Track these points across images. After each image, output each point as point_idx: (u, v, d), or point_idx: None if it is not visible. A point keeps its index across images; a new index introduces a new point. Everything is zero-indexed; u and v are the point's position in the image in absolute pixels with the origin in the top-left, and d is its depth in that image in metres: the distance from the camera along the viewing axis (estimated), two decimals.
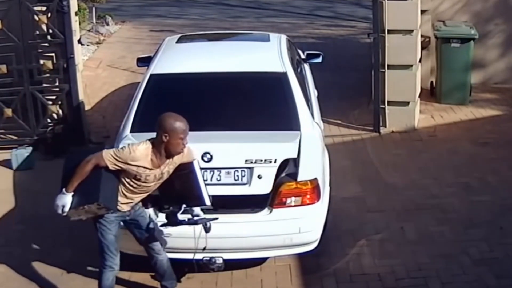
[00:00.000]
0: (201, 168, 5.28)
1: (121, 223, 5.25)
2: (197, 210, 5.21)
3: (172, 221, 5.23)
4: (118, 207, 5.09)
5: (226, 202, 5.50)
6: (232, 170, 5.63)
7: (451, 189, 7.44)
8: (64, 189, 4.97)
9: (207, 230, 5.17)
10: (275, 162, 5.61)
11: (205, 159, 5.56)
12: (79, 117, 8.82)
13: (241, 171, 5.62)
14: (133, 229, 5.35)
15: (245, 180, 5.62)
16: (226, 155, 5.65)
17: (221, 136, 5.89)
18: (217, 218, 5.24)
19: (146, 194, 5.20)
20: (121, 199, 5.09)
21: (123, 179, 5.03)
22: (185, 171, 5.16)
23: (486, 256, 6.10)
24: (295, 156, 5.66)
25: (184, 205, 5.16)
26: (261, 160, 5.59)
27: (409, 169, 7.95)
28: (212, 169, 5.60)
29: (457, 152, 8.41)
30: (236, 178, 5.63)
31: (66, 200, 4.95)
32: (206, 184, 5.23)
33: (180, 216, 5.17)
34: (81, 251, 6.28)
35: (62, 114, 8.77)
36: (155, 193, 5.26)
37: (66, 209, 4.96)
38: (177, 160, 5.07)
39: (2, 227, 6.84)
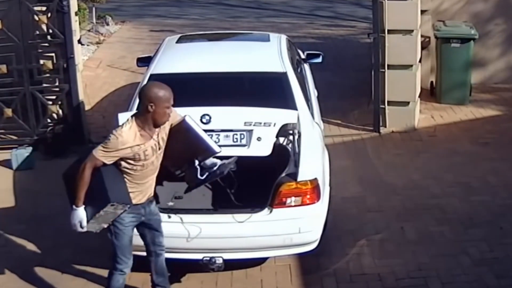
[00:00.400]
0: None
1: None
2: (210, 161, 5.11)
3: (196, 183, 5.10)
4: (133, 201, 4.92)
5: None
6: (231, 133, 5.61)
7: (451, 189, 7.44)
8: (73, 206, 4.83)
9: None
10: (274, 125, 5.58)
11: (204, 120, 5.50)
12: (79, 117, 8.82)
13: (240, 133, 5.60)
14: (146, 231, 5.24)
15: (244, 142, 5.60)
16: (225, 117, 5.63)
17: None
18: (236, 158, 5.18)
19: (154, 176, 5.03)
20: (132, 190, 4.92)
21: (125, 169, 4.86)
22: (181, 132, 5.00)
23: (486, 256, 6.10)
24: (295, 121, 5.62)
25: (196, 162, 5.05)
26: (260, 123, 5.56)
27: (409, 169, 7.95)
28: (210, 131, 5.53)
29: (457, 152, 8.41)
30: (235, 140, 5.61)
31: (80, 215, 4.81)
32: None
33: (200, 175, 5.06)
34: (81, 251, 6.28)
35: (62, 114, 8.78)
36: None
37: (84, 223, 4.83)
38: (167, 124, 4.92)
39: (2, 227, 6.83)
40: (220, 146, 5.23)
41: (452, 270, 5.91)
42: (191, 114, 5.14)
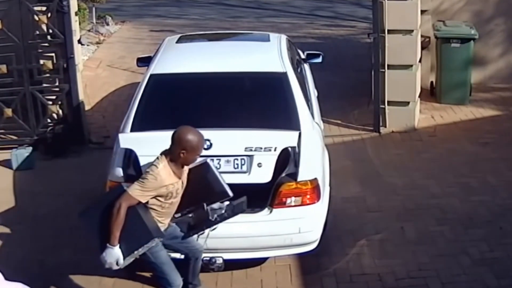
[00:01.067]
0: (201, 156, 5.19)
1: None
2: (217, 204, 5.16)
3: (207, 225, 5.17)
4: None
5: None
6: (232, 158, 5.61)
7: (451, 189, 7.44)
8: (108, 244, 4.82)
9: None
10: (275, 150, 5.59)
11: (205, 146, 5.53)
12: (79, 117, 8.82)
13: (241, 159, 5.60)
14: (170, 242, 5.23)
15: (244, 168, 5.61)
16: (226, 142, 5.63)
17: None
18: (245, 199, 5.23)
19: (174, 211, 5.13)
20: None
21: (153, 206, 4.93)
22: (199, 174, 5.12)
23: (486, 256, 6.10)
24: (295, 144, 5.63)
25: (205, 205, 5.12)
26: (261, 148, 5.57)
27: (409, 169, 7.95)
28: (211, 156, 5.54)
29: (457, 152, 8.41)
30: (236, 166, 5.62)
31: (117, 253, 4.82)
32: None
33: (211, 217, 5.13)
34: (81, 251, 6.27)
35: (62, 114, 8.77)
36: None
37: (121, 261, 4.85)
38: (187, 166, 5.06)
39: (2, 227, 6.83)
40: (220, 172, 5.32)
41: (452, 270, 5.91)
42: None
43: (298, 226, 5.58)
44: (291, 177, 5.61)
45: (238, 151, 5.62)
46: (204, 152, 5.32)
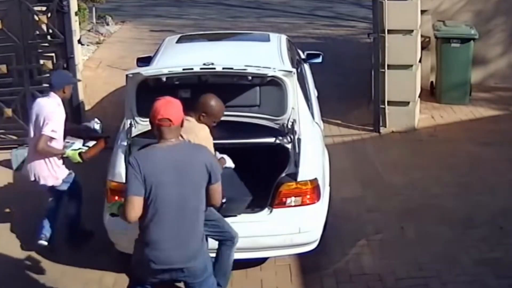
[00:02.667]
0: None
1: None
2: None
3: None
4: None
5: None
6: None
7: (451, 189, 7.44)
8: None
9: None
10: None
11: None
12: (79, 117, 8.82)
13: None
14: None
15: None
16: None
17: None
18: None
19: None
20: None
21: None
22: None
23: (486, 256, 6.10)
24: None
25: None
26: None
27: (409, 169, 7.95)
28: None
29: (457, 152, 8.41)
30: None
31: None
32: None
33: None
34: (81, 251, 6.28)
35: None
36: None
37: None
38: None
39: (2, 227, 6.83)
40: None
41: (452, 270, 5.91)
42: None
43: (298, 226, 5.59)
44: (291, 177, 5.61)
45: None
46: None
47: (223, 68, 5.70)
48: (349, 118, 9.44)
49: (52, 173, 6.16)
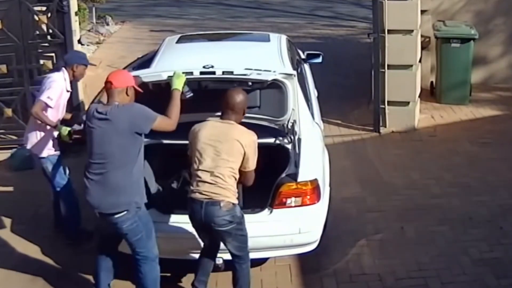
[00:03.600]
0: None
1: None
2: None
3: None
4: None
5: None
6: None
7: (451, 189, 7.44)
8: None
9: None
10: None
11: None
12: (79, 117, 8.81)
13: None
14: None
15: None
16: None
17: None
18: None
19: None
20: None
21: None
22: None
23: (486, 256, 6.10)
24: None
25: None
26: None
27: (409, 169, 7.95)
28: None
29: (457, 152, 8.42)
30: None
31: None
32: None
33: None
34: (81, 251, 6.29)
35: None
36: None
37: None
38: None
39: (2, 227, 6.84)
40: None
41: (452, 270, 5.91)
42: None
43: (298, 226, 5.58)
44: (291, 177, 5.61)
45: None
46: None
47: (223, 73, 5.70)
48: (349, 118, 9.44)
49: (39, 142, 6.33)
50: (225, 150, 5.06)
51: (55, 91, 6.20)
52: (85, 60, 6.59)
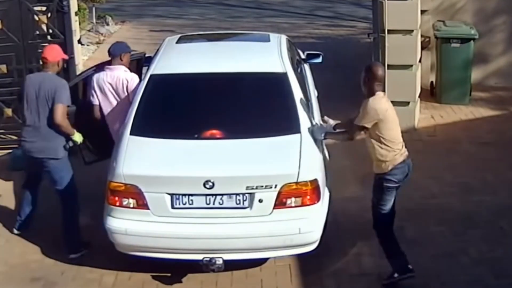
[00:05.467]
0: (205, 195, 5.54)
1: None
2: None
3: None
4: None
5: None
6: (234, 195, 5.60)
7: (451, 189, 7.44)
8: None
9: None
10: (275, 187, 5.58)
11: (207, 186, 5.53)
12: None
13: (243, 195, 5.60)
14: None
15: (246, 204, 5.61)
16: (227, 183, 5.61)
17: (222, 161, 5.79)
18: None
19: None
20: None
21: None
22: None
23: (486, 256, 6.11)
24: (295, 180, 5.61)
25: None
26: (262, 186, 5.56)
27: None
28: (214, 195, 5.59)
29: (457, 152, 8.42)
30: (238, 202, 5.61)
31: None
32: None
33: None
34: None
35: None
36: None
37: None
38: None
39: (2, 227, 6.84)
40: (223, 208, 5.58)
41: (452, 270, 5.91)
42: (194, 181, 5.54)
43: (298, 226, 5.58)
44: (291, 177, 5.60)
45: (240, 190, 5.58)
46: (207, 191, 5.53)
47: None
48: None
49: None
50: None
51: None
52: (128, 48, 7.00)
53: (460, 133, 9.02)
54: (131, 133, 6.00)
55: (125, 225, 5.64)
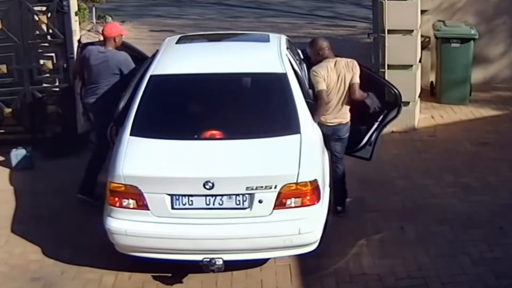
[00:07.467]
0: (204, 195, 5.51)
1: None
2: None
3: None
4: None
5: None
6: (234, 196, 5.60)
7: (451, 189, 7.44)
8: None
9: None
10: (275, 187, 5.59)
11: (207, 186, 5.53)
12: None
13: (242, 196, 5.60)
14: None
15: (246, 204, 5.62)
16: (227, 184, 5.61)
17: (222, 162, 5.79)
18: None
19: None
20: None
21: None
22: None
23: (486, 256, 6.10)
24: (295, 180, 5.61)
25: None
26: (262, 187, 5.57)
27: (409, 169, 7.95)
28: (214, 195, 5.59)
29: (457, 152, 8.42)
30: (238, 202, 5.62)
31: None
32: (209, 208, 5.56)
33: None
34: (81, 251, 6.28)
35: (62, 114, 8.77)
36: None
37: None
38: None
39: (2, 227, 6.83)
40: (223, 208, 5.57)
41: (452, 270, 5.91)
42: (193, 181, 5.53)
43: (298, 227, 5.57)
44: (291, 178, 5.60)
45: (240, 190, 5.58)
46: (207, 192, 5.52)
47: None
48: None
49: None
50: None
51: None
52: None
53: (460, 133, 9.02)
54: (131, 134, 5.99)
55: (125, 225, 5.64)
